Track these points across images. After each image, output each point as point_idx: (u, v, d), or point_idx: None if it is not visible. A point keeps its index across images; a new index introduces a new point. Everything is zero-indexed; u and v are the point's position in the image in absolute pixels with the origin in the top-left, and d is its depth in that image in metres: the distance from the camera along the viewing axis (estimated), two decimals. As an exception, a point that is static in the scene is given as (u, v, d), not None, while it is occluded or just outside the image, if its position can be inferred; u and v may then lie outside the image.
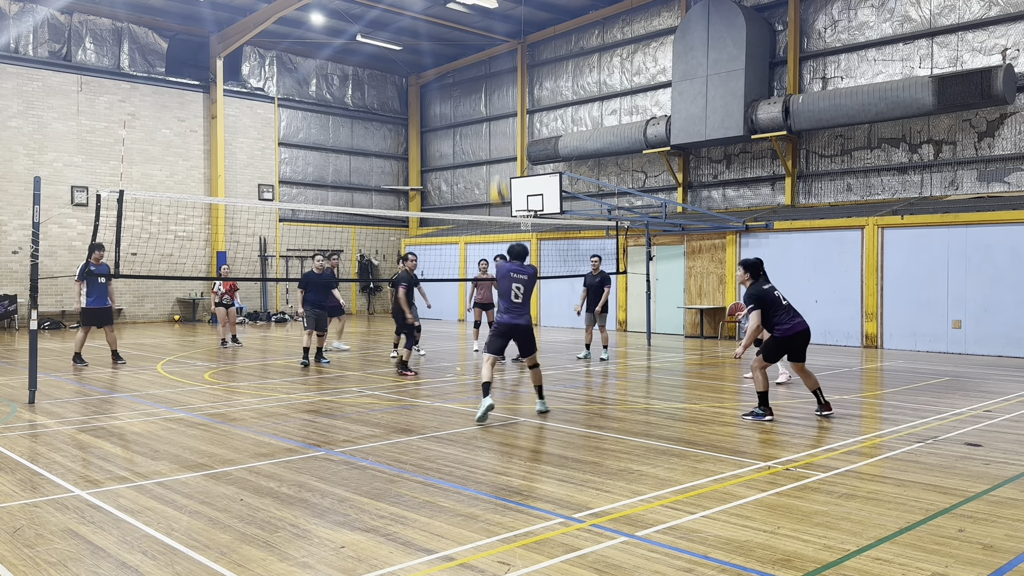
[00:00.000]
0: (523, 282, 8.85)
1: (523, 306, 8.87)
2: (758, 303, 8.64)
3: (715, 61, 19.78)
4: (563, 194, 18.94)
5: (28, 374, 9.77)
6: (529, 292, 8.92)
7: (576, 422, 8.58)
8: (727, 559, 4.44)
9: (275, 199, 26.73)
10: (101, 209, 11.22)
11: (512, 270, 8.86)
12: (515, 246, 9.05)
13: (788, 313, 8.73)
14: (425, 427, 8.25)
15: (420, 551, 4.57)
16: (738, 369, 13.35)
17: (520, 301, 8.84)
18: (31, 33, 22.32)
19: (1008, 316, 15.31)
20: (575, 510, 5.35)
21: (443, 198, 29.86)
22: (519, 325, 8.84)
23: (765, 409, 8.61)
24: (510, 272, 8.83)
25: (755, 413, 8.66)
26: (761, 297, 8.67)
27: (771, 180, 20.55)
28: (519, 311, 8.84)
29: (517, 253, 9.04)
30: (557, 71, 25.58)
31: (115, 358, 13.60)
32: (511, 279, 8.82)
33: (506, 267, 8.89)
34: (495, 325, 9.12)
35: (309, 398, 10.17)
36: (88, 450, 7.19)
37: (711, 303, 19.75)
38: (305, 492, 5.79)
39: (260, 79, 26.84)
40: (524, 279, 8.86)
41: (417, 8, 23.46)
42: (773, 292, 8.76)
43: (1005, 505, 5.48)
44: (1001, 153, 16.88)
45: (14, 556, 4.51)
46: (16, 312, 21.35)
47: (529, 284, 8.91)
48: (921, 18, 17.93)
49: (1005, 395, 10.42)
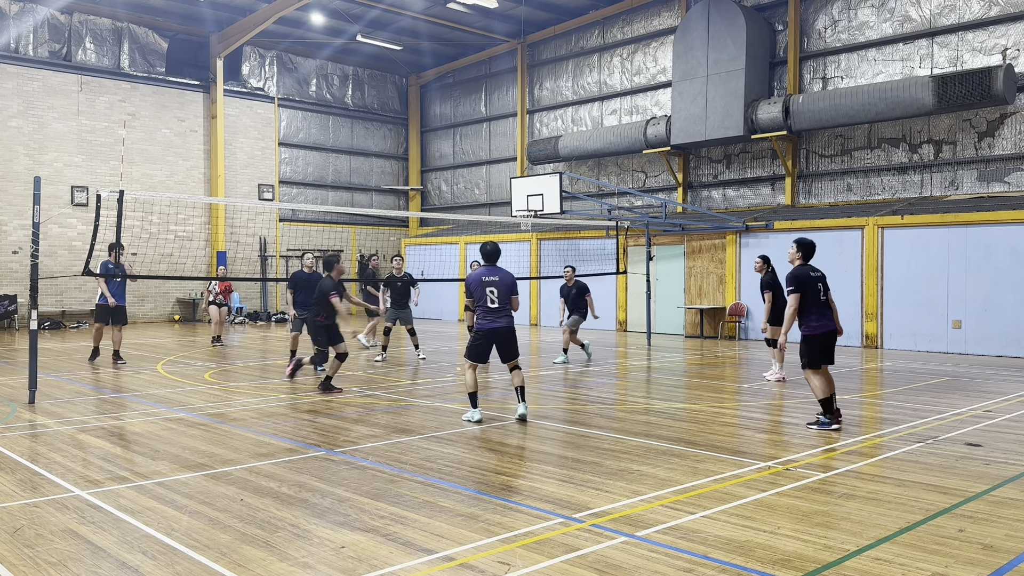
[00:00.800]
0: (495, 284, 8.62)
1: (500, 309, 8.63)
2: (798, 286, 8.24)
3: (715, 61, 19.78)
4: (563, 194, 18.94)
5: (28, 374, 9.77)
6: (505, 294, 8.65)
7: (576, 422, 8.58)
8: (727, 559, 4.44)
9: (275, 199, 26.73)
10: (101, 209, 11.22)
11: (484, 275, 8.65)
12: (486, 246, 8.79)
13: (820, 310, 8.28)
14: (425, 427, 8.25)
15: (420, 551, 4.57)
16: (739, 369, 13.36)
17: (497, 305, 8.60)
18: (31, 33, 22.31)
19: (1008, 316, 15.31)
20: (575, 510, 5.35)
21: (443, 198, 29.86)
22: (497, 328, 8.62)
23: (831, 416, 8.12)
24: (481, 279, 8.63)
25: (820, 422, 8.15)
26: (802, 281, 8.26)
27: (771, 180, 20.55)
28: (496, 314, 8.61)
29: (488, 253, 8.80)
30: (557, 71, 25.58)
31: (116, 357, 13.66)
32: (483, 285, 8.60)
33: (477, 276, 8.68)
34: (475, 331, 8.81)
35: (309, 398, 10.17)
36: (88, 450, 7.19)
37: (711, 303, 19.75)
38: (305, 492, 5.79)
39: (260, 79, 26.84)
40: (495, 281, 8.63)
41: (417, 8, 23.46)
42: (817, 282, 8.29)
43: (1005, 505, 5.48)
44: (1001, 153, 16.88)
45: (14, 556, 4.51)
46: (16, 312, 21.35)
47: (503, 286, 8.64)
48: (921, 18, 17.93)
49: (1005, 395, 10.42)
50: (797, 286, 8.23)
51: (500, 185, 27.33)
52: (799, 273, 8.32)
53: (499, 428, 8.25)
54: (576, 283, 14.43)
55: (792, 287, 8.24)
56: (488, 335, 8.62)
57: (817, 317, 8.26)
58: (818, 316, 8.27)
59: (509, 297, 8.66)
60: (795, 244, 8.56)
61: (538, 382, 11.79)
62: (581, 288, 14.39)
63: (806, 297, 8.24)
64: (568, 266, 14.71)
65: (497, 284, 8.61)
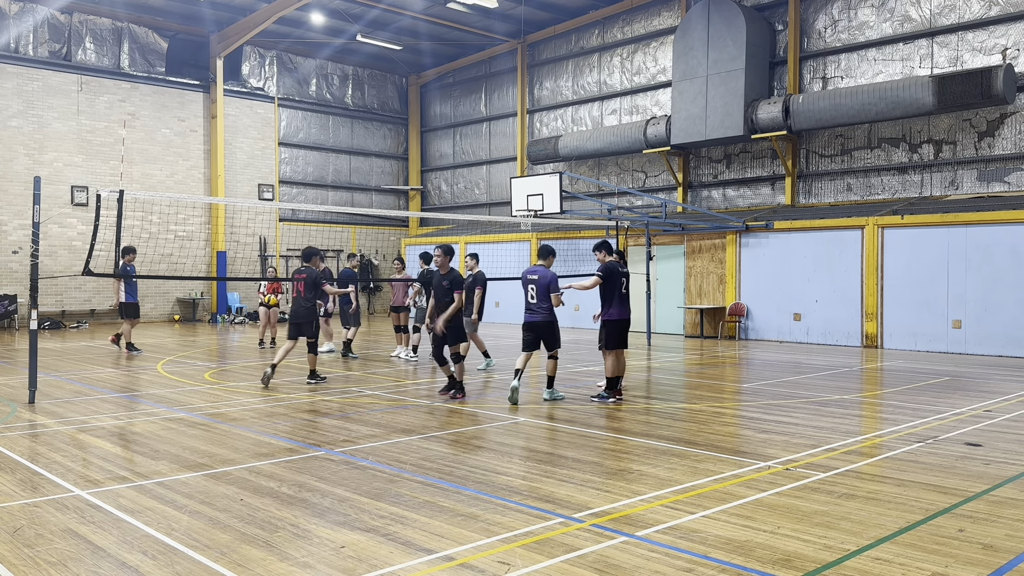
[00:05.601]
0: (535, 283, 9.77)
1: (538, 305, 9.76)
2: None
3: (715, 61, 19.78)
4: (563, 194, 18.93)
5: (28, 374, 9.77)
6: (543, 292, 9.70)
7: (576, 422, 8.58)
8: (727, 559, 4.44)
9: (275, 199, 26.73)
10: (101, 209, 11.22)
11: (527, 274, 9.91)
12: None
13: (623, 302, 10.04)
14: (425, 427, 8.25)
15: (420, 551, 4.57)
16: (739, 369, 13.35)
17: (535, 301, 9.80)
18: (31, 33, 22.32)
19: (1008, 316, 15.31)
20: (575, 510, 5.35)
21: (443, 198, 29.86)
22: (533, 322, 9.80)
23: (610, 392, 9.82)
24: (525, 276, 9.96)
25: (602, 396, 9.76)
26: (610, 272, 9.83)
27: (771, 180, 20.55)
28: (533, 309, 9.81)
29: (539, 252, 10.06)
30: (557, 71, 25.58)
31: (130, 348, 15.38)
32: (526, 283, 9.88)
33: (523, 274, 9.99)
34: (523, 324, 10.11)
35: (309, 398, 10.17)
36: (88, 450, 7.19)
37: (711, 303, 19.74)
38: (305, 492, 5.79)
39: (260, 79, 26.84)
40: (535, 280, 9.77)
41: (417, 8, 23.46)
42: (621, 276, 9.90)
43: (1005, 505, 5.48)
44: (1001, 153, 16.87)
45: (14, 556, 4.51)
46: (16, 312, 21.35)
47: (540, 284, 9.71)
48: (921, 18, 17.93)
49: (1005, 395, 10.42)
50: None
51: (500, 185, 27.33)
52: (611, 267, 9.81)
53: (499, 428, 8.25)
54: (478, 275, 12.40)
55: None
56: (527, 327, 9.88)
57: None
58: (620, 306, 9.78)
59: (547, 294, 9.69)
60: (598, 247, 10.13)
61: (538, 382, 11.78)
62: (478, 279, 12.31)
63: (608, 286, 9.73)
64: (471, 254, 13.15)
65: (536, 282, 9.76)
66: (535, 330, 9.79)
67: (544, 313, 9.71)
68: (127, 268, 15.07)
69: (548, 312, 9.72)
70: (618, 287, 9.80)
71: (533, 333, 9.81)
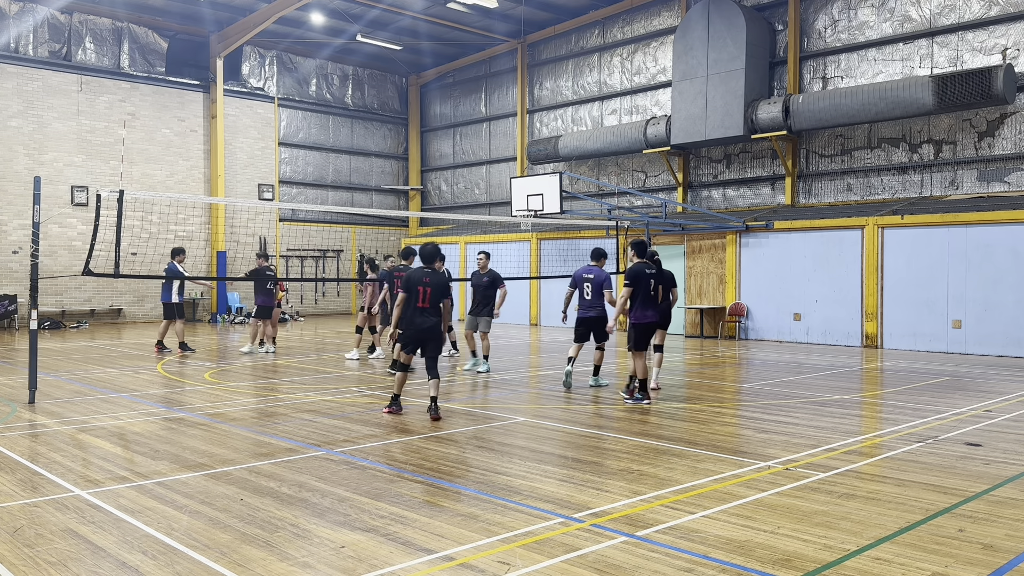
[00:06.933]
0: (590, 281, 10.58)
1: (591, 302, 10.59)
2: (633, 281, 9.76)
3: (715, 61, 19.78)
4: (563, 194, 18.93)
5: (28, 374, 9.77)
6: (597, 290, 10.49)
7: (576, 422, 8.58)
8: (727, 559, 4.44)
9: (275, 199, 26.73)
10: (101, 209, 11.21)
11: (583, 273, 10.62)
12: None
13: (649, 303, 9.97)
14: (425, 427, 8.25)
15: (420, 551, 4.57)
16: (739, 369, 13.35)
17: (589, 298, 10.59)
18: (31, 33, 22.31)
19: (1008, 316, 15.31)
20: (575, 510, 5.35)
21: (443, 198, 29.86)
22: (587, 318, 10.65)
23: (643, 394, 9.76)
24: (581, 275, 10.68)
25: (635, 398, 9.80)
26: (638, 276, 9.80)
27: (771, 180, 20.55)
28: (587, 306, 10.61)
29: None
30: (557, 71, 25.58)
31: (183, 348, 15.63)
32: (582, 280, 10.56)
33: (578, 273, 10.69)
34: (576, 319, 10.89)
35: (309, 398, 10.17)
36: (88, 450, 7.19)
37: (711, 303, 19.74)
38: (305, 492, 5.79)
39: (260, 79, 26.84)
40: (591, 279, 10.56)
41: (417, 8, 23.45)
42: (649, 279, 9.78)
43: (1005, 505, 5.48)
44: (1001, 153, 16.87)
45: (14, 556, 4.51)
46: (16, 312, 21.35)
47: (595, 283, 10.43)
48: (921, 18, 17.93)
49: (1005, 395, 10.42)
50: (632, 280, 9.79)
51: (500, 185, 27.32)
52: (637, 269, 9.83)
53: (499, 428, 8.25)
54: (490, 272, 12.69)
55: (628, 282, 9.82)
56: (580, 322, 10.75)
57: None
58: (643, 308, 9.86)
59: (600, 292, 10.57)
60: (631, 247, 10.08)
61: (538, 382, 11.79)
62: (494, 279, 12.59)
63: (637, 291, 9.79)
64: (482, 252, 12.99)
65: (592, 281, 10.63)
66: (587, 324, 10.70)
67: (598, 309, 10.66)
68: (176, 268, 15.61)
69: (600, 308, 10.66)
70: (643, 289, 9.65)
71: (585, 327, 10.73)
